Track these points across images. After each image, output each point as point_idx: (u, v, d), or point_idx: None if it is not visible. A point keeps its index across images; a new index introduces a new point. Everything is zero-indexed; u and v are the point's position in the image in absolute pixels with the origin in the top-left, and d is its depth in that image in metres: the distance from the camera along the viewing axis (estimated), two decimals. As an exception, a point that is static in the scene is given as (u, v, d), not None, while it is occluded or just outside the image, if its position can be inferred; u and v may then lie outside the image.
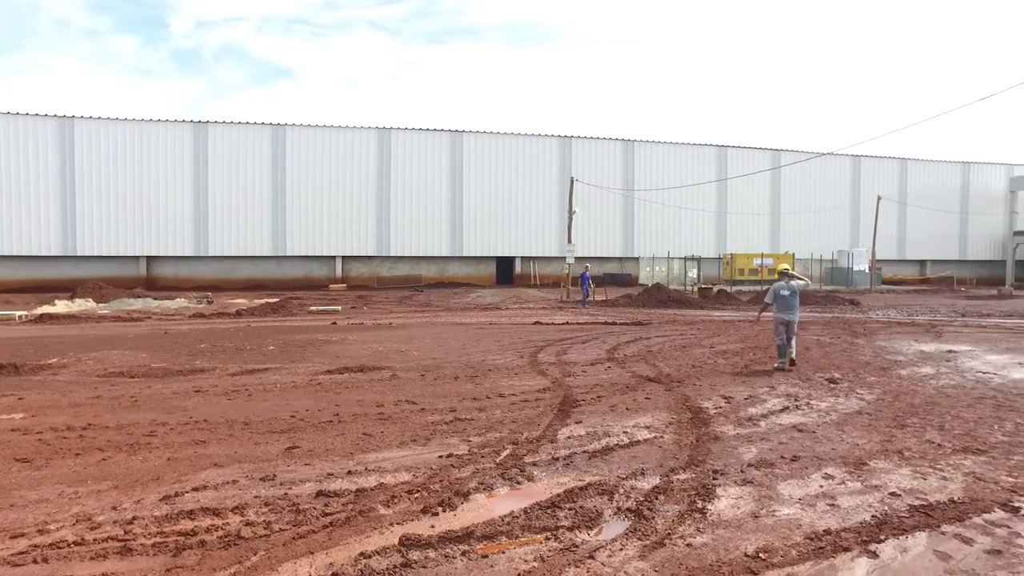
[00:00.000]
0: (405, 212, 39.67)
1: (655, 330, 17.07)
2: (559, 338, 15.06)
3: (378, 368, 10.75)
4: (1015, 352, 13.30)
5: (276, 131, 37.67)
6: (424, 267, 41.09)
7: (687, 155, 44.64)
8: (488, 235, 41.09)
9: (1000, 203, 52.06)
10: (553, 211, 41.60)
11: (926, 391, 9.26)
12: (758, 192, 45.88)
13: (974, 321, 20.29)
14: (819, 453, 6.25)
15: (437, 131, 40.25)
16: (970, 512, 4.81)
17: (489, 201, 40.97)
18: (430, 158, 40.03)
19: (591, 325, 18.19)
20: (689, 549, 4.14)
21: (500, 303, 26.92)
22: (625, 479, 5.43)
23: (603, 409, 8.00)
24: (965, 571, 3.93)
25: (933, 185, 50.36)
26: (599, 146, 42.99)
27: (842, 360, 12.04)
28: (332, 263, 39.42)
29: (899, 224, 49.13)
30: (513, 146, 41.42)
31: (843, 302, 27.30)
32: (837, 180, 48.05)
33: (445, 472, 5.57)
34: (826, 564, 3.98)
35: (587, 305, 25.72)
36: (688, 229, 44.51)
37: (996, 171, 52.52)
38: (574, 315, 21.40)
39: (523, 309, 23.92)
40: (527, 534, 4.34)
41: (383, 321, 18.90)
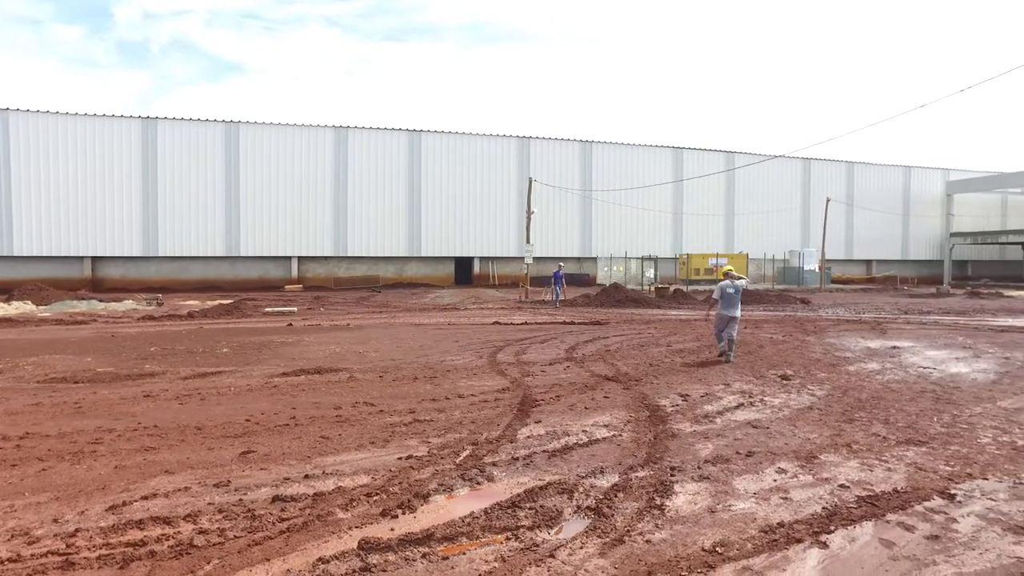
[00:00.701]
0: (362, 212, 39.18)
1: (613, 329, 17.25)
2: (518, 338, 15.09)
3: (335, 370, 10.59)
4: (952, 348, 13.89)
5: (229, 128, 36.74)
6: (382, 267, 40.67)
7: (644, 156, 45.26)
8: (446, 235, 40.91)
9: (938, 206, 54.33)
10: (511, 211, 41.67)
11: (872, 386, 9.60)
12: (713, 193, 46.82)
13: (916, 318, 21.12)
14: (773, 448, 6.41)
15: (395, 130, 39.88)
16: (912, 501, 5.01)
17: (447, 201, 40.80)
18: (388, 158, 39.63)
19: (550, 325, 18.28)
20: (648, 545, 4.20)
21: (459, 303, 26.83)
22: (584, 477, 5.47)
23: (562, 408, 8.05)
24: (907, 557, 4.09)
25: (878, 188, 52.23)
26: (557, 147, 43.25)
27: (794, 357, 12.37)
28: (288, 263, 38.66)
29: (847, 225, 50.78)
30: (472, 146, 41.34)
31: (795, 301, 28.08)
32: (788, 182, 49.39)
33: (404, 474, 5.52)
34: (779, 556, 4.08)
35: (559, 305, 25.34)
36: (645, 229, 45.13)
37: (934, 175, 54.77)
38: (533, 315, 21.48)
39: (482, 309, 23.89)
40: (488, 534, 4.33)
41: (340, 322, 18.64)
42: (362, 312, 22.32)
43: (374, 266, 40.49)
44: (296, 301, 27.11)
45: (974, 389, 9.46)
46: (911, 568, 3.95)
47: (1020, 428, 7.26)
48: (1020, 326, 18.62)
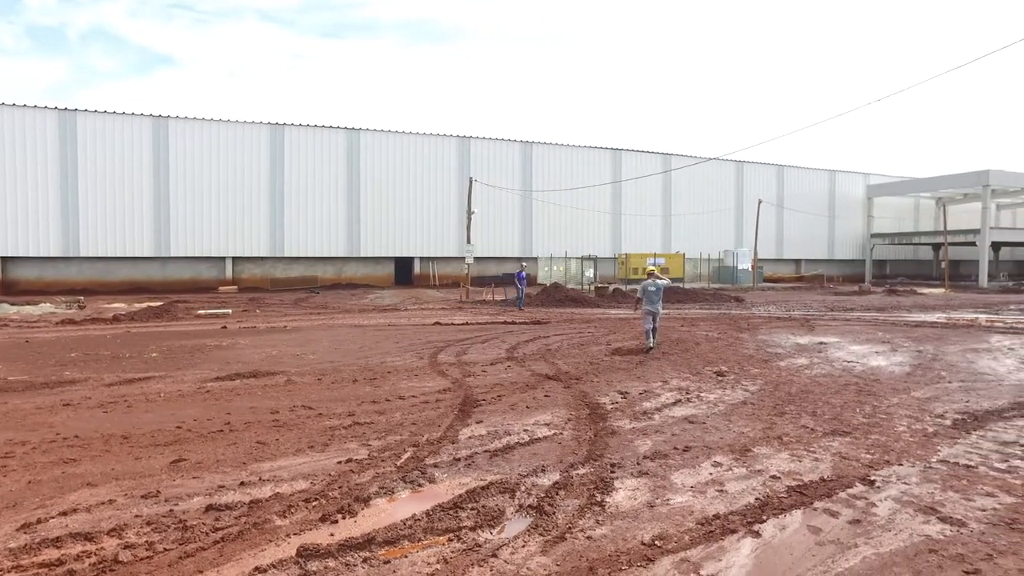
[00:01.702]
0: (300, 211, 38.22)
1: (553, 329, 17.42)
2: (459, 338, 15.04)
3: (272, 373, 10.30)
4: (873, 342, 14.65)
5: (157, 123, 35.15)
6: (320, 268, 39.80)
7: (583, 157, 45.86)
8: (386, 235, 40.38)
9: (860, 208, 57.20)
10: (452, 211, 41.50)
11: (801, 380, 10.02)
12: (651, 194, 47.86)
13: (841, 315, 22.16)
14: (709, 443, 6.61)
15: (333, 128, 39.10)
16: (836, 488, 5.27)
17: (387, 201, 40.28)
18: (326, 156, 38.81)
19: (491, 325, 18.30)
20: (589, 541, 4.26)
21: (399, 304, 26.55)
22: (526, 476, 5.50)
23: (503, 408, 8.07)
24: (832, 541, 4.30)
25: (805, 190, 54.54)
26: (497, 147, 43.33)
27: (728, 354, 12.78)
28: (222, 264, 37.33)
29: (777, 226, 52.81)
30: (411, 145, 40.95)
31: (729, 299, 29.02)
32: (723, 184, 50.98)
33: (344, 478, 5.42)
34: (716, 546, 4.22)
35: (522, 306, 24.16)
36: (585, 229, 45.73)
37: (856, 179, 57.63)
38: (474, 315, 21.46)
39: (423, 310, 23.71)
40: (429, 536, 4.30)
41: (277, 324, 18.14)
42: (300, 314, 21.80)
43: (312, 267, 39.59)
44: (231, 303, 26.23)
45: (892, 381, 10.00)
46: (835, 552, 4.14)
47: (931, 416, 7.72)
48: (931, 321, 19.81)
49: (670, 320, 19.64)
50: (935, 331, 17.05)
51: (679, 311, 23.51)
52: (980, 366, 11.44)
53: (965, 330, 17.34)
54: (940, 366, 11.40)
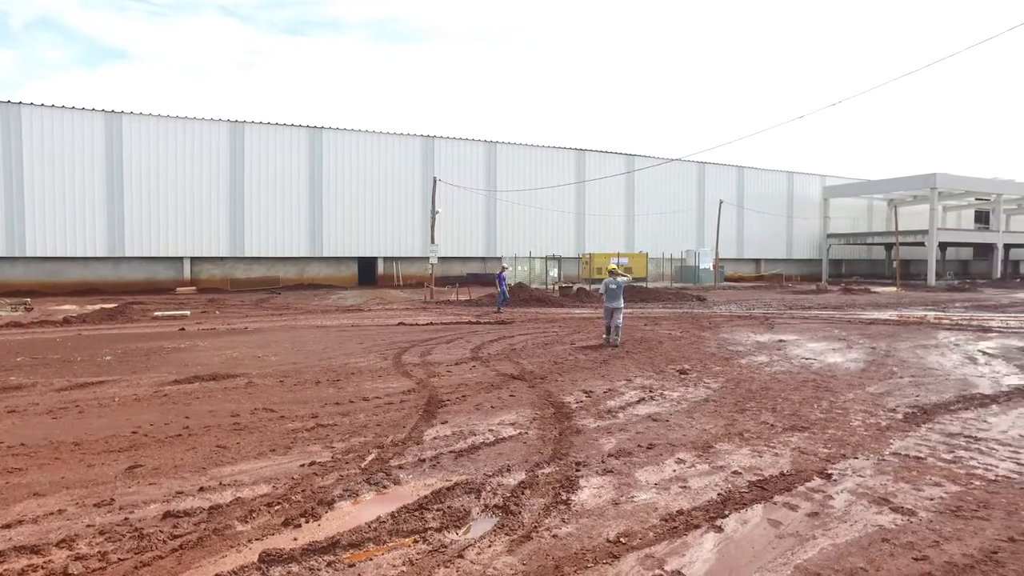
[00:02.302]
0: (261, 211, 37.52)
1: (518, 328, 17.45)
2: (423, 339, 14.96)
3: (232, 376, 10.09)
4: (829, 340, 15.05)
5: (110, 119, 34.07)
6: (282, 268, 39.14)
7: (547, 157, 46.06)
8: (350, 235, 39.93)
9: (817, 209, 58.74)
10: (416, 211, 41.25)
11: (762, 378, 10.24)
12: (614, 194, 48.34)
13: (799, 313, 22.71)
14: (672, 440, 6.70)
15: (295, 127, 38.47)
16: (795, 482, 5.40)
17: (350, 200, 39.83)
18: (288, 155, 38.17)
19: (455, 325, 18.25)
20: (555, 540, 4.28)
21: (363, 304, 26.27)
22: (492, 476, 5.50)
23: (468, 408, 8.06)
24: (792, 534, 4.40)
25: (765, 191, 55.77)
26: (462, 147, 43.22)
27: (691, 352, 12.98)
28: (179, 264, 36.42)
29: (738, 226, 53.87)
30: (375, 145, 40.56)
31: (691, 298, 29.47)
32: (685, 185, 51.78)
33: (308, 481, 5.34)
34: (679, 542, 4.28)
35: (501, 310, 23.01)
36: (549, 229, 45.94)
37: (813, 181, 59.17)
38: (438, 315, 21.36)
39: (387, 310, 23.51)
40: (395, 538, 4.27)
41: (238, 325, 17.77)
42: (261, 315, 21.40)
43: (273, 267, 38.91)
44: (189, 304, 25.60)
45: (847, 377, 10.30)
46: (795, 544, 4.25)
47: (884, 411, 7.97)
48: (884, 319, 20.45)
49: (634, 319, 19.86)
50: (888, 328, 17.60)
51: (642, 310, 23.79)
52: (929, 362, 11.85)
53: (915, 327, 17.95)
54: (892, 362, 11.78)
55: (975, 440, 6.72)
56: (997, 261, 54.29)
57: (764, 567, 3.94)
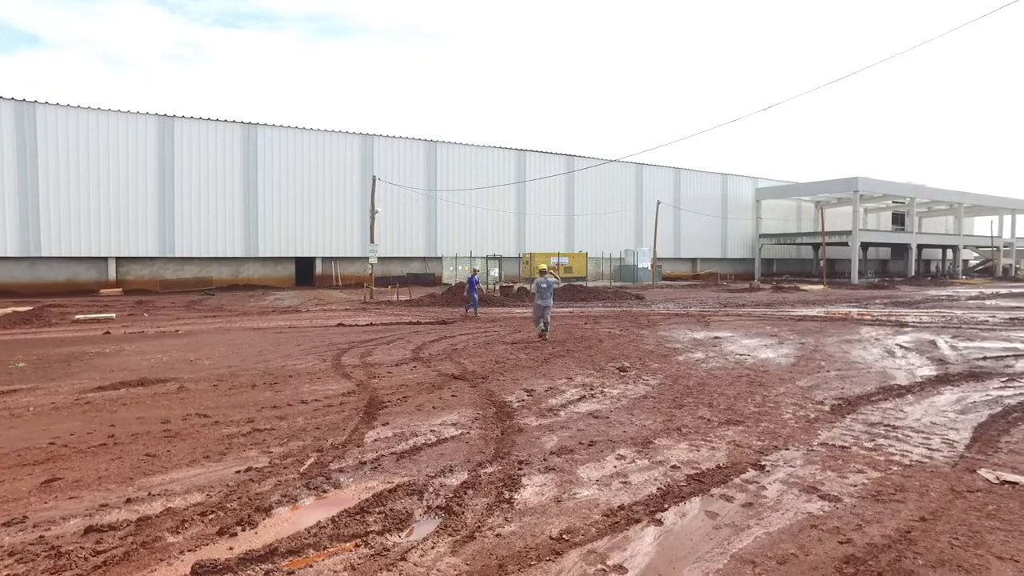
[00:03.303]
0: (192, 209, 36.11)
1: (459, 328, 17.40)
2: (363, 339, 14.73)
3: (163, 380, 9.67)
4: (762, 336, 15.62)
5: (22, 108, 32.04)
6: (216, 269, 37.79)
7: (488, 157, 46.10)
8: (286, 234, 38.91)
9: (749, 210, 60.90)
10: (355, 210, 40.58)
11: (698, 374, 10.53)
12: (555, 194, 48.81)
13: (733, 311, 23.48)
14: (612, 436, 6.81)
15: (228, 122, 37.20)
16: (731, 474, 5.58)
17: (287, 199, 38.82)
18: (221, 151, 36.88)
19: (396, 325, 18.05)
20: (498, 539, 4.28)
21: (300, 305, 25.66)
22: (434, 477, 5.46)
23: (410, 409, 7.98)
24: (728, 525, 4.54)
25: (700, 192, 57.45)
26: (402, 145, 42.76)
27: (630, 350, 13.23)
28: (103, 265, 34.65)
29: (675, 226, 55.27)
30: (312, 142, 39.66)
31: (630, 297, 30.04)
32: (623, 185, 52.76)
33: (244, 488, 5.17)
34: (621, 536, 4.35)
35: (478, 313, 21.50)
36: (490, 229, 46.00)
37: (746, 183, 61.33)
38: (378, 316, 21.07)
39: (325, 311, 23.03)
40: (336, 543, 4.18)
41: (168, 328, 17.06)
42: (193, 317, 20.60)
43: (206, 267, 37.53)
44: (115, 307, 24.40)
45: (779, 372, 10.71)
46: (730, 534, 4.38)
47: (812, 403, 8.33)
48: (812, 315, 21.38)
49: (574, 318, 20.11)
50: (815, 324, 18.40)
51: (583, 309, 24.11)
52: (853, 356, 12.45)
53: (840, 323, 18.83)
54: (820, 357, 12.32)
55: (893, 428, 7.11)
56: (911, 260, 57.58)
57: (702, 558, 4.06)
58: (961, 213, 64.40)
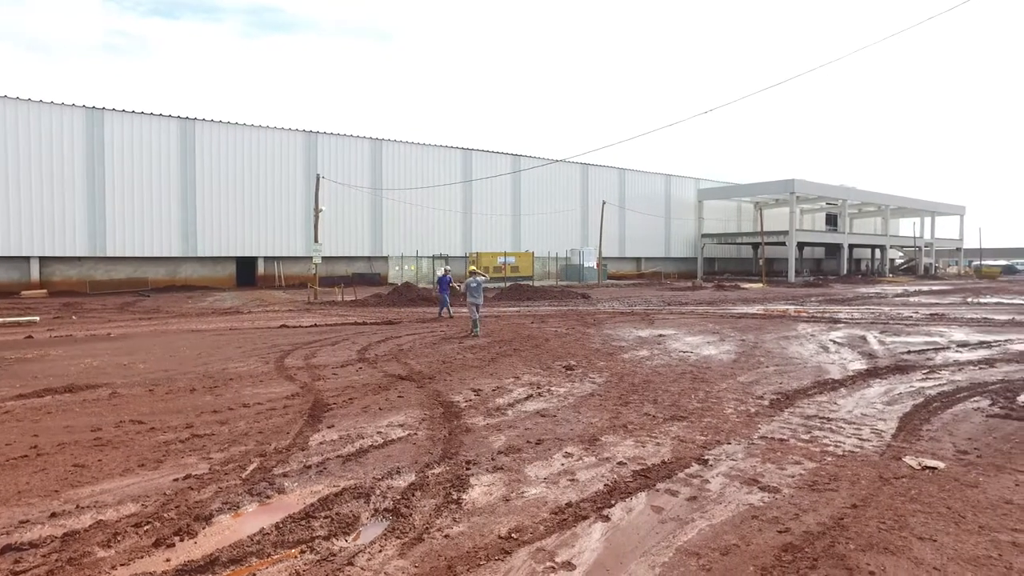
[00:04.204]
0: (125, 207, 34.56)
1: (405, 328, 17.24)
2: (307, 341, 14.42)
3: (93, 386, 9.22)
4: (705, 333, 16.03)
5: (-62, 102, 30.15)
6: (151, 269, 36.33)
7: (434, 156, 45.82)
8: (227, 234, 37.71)
9: (692, 210, 62.43)
10: (298, 209, 39.68)
11: (643, 371, 10.72)
12: (501, 194, 48.89)
13: (677, 309, 24.01)
14: (560, 434, 6.86)
15: (164, 117, 35.77)
16: (676, 469, 5.70)
17: (227, 197, 37.63)
18: (156, 147, 35.42)
19: (341, 326, 17.74)
20: (447, 540, 4.26)
21: (242, 306, 24.93)
22: (381, 479, 5.39)
23: (356, 411, 7.86)
24: (673, 518, 4.64)
25: (644, 193, 58.54)
26: (346, 143, 42.06)
27: (577, 349, 13.37)
28: (25, 265, 32.83)
29: (620, 226, 56.14)
30: (253, 139, 38.57)
31: (576, 296, 30.35)
32: (569, 185, 53.28)
33: (182, 496, 4.99)
34: (569, 533, 4.39)
35: (452, 315, 20.68)
36: (436, 228, 45.73)
37: (688, 183, 62.85)
38: (323, 316, 20.68)
39: (268, 312, 22.45)
40: (280, 550, 4.08)
41: (99, 332, 16.29)
42: (127, 319, 19.75)
43: (141, 268, 36.05)
44: (39, 309, 23.16)
45: (721, 368, 11.01)
46: (676, 527, 4.48)
47: (753, 398, 8.60)
48: (752, 313, 22.08)
49: (521, 317, 20.19)
50: (755, 322, 19.01)
51: (529, 308, 24.23)
52: (790, 351, 12.92)
53: (779, 320, 19.50)
54: (759, 353, 12.73)
55: (828, 421, 7.41)
56: (844, 259, 60.17)
57: (648, 551, 4.13)
58: (888, 215, 67.71)
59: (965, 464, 5.88)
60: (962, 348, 13.38)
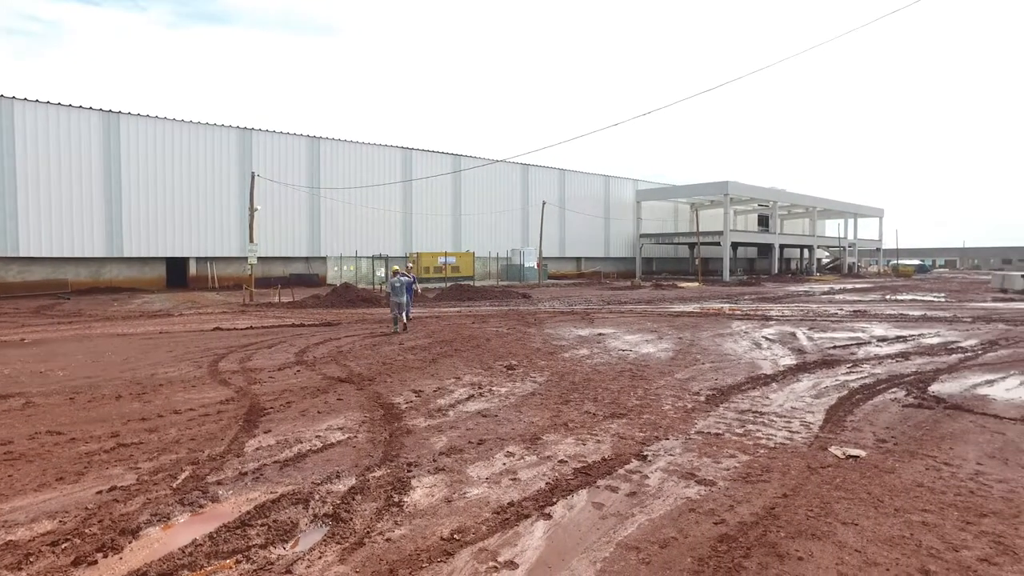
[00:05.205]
0: (41, 203, 32.59)
1: (345, 330, 16.94)
2: (242, 344, 13.98)
3: (4, 396, 8.67)
4: (644, 332, 16.38)
5: None
6: (72, 270, 34.40)
7: (374, 155, 45.15)
8: (156, 233, 36.07)
9: (630, 210, 63.66)
10: (233, 208, 38.38)
11: (584, 370, 10.86)
12: (441, 194, 48.61)
13: (616, 308, 24.44)
14: (501, 434, 6.88)
15: (85, 109, 33.89)
16: (616, 466, 5.80)
17: (156, 195, 35.99)
18: (76, 141, 33.53)
19: (278, 328, 17.28)
20: (388, 543, 4.20)
21: (173, 309, 23.94)
22: (320, 484, 5.28)
23: (293, 415, 7.67)
24: (614, 514, 4.72)
25: (584, 193, 59.32)
26: (283, 141, 40.94)
27: (518, 348, 13.43)
28: (-71, 267, 30.59)
29: (560, 226, 56.70)
30: (184, 134, 37.04)
31: (517, 296, 30.49)
32: (510, 185, 53.46)
33: (106, 510, 4.75)
34: (511, 532, 4.40)
35: (409, 317, 18.26)
36: (376, 228, 45.09)
37: (627, 184, 64.07)
38: (259, 318, 20.09)
39: (201, 315, 21.64)
40: (214, 561, 3.94)
41: (11, 337, 15.32)
42: (44, 324, 18.66)
43: (60, 268, 34.09)
44: (-56, 314, 21.60)
45: (659, 365, 11.27)
46: (616, 523, 4.56)
47: (690, 395, 8.84)
48: (689, 311, 22.69)
49: (461, 317, 20.15)
50: (692, 320, 19.54)
51: (470, 308, 24.19)
52: (725, 348, 13.34)
53: (714, 318, 20.11)
54: (696, 350, 13.09)
55: (760, 415, 7.69)
56: (775, 259, 62.56)
57: (590, 547, 4.19)
58: (815, 216, 70.86)
59: (883, 452, 6.21)
60: (882, 343, 14.13)
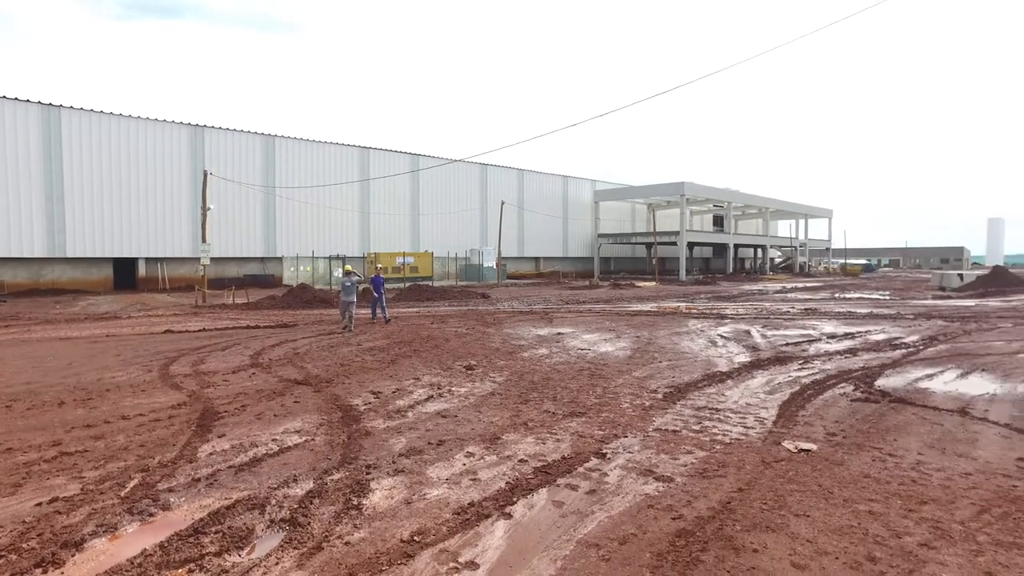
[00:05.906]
0: (-24, 202, 31.13)
1: (301, 331, 16.65)
2: (195, 346, 13.61)
3: (-61, 403, 8.25)
4: (602, 331, 16.54)
5: None
6: (8, 271, 32.91)
7: (331, 154, 44.49)
8: (102, 233, 34.79)
9: (588, 211, 64.25)
10: (184, 207, 37.31)
11: (543, 369, 10.91)
12: (399, 193, 48.20)
13: (574, 308, 24.62)
14: (461, 435, 6.86)
15: (22, 102, 32.48)
16: (576, 464, 5.84)
17: (102, 193, 34.71)
18: (12, 135, 32.07)
19: (232, 330, 16.88)
20: (347, 547, 4.14)
21: (120, 311, 23.14)
22: (277, 488, 5.18)
23: (249, 419, 7.50)
24: (574, 512, 4.75)
25: (543, 194, 59.62)
26: (237, 139, 39.99)
27: (477, 348, 13.40)
28: None
29: (519, 226, 56.85)
30: (132, 130, 35.82)
31: (476, 295, 30.45)
32: (468, 185, 53.35)
33: (47, 522, 4.55)
34: (472, 533, 4.39)
35: (388, 319, 19.21)
36: (333, 228, 44.45)
37: (585, 185, 64.63)
38: (212, 320, 19.58)
39: (150, 317, 20.97)
40: (165, 571, 3.82)
41: (-55, 342, 14.59)
42: (-20, 328, 17.81)
43: (-3, 270, 32.60)
44: None
45: (617, 364, 11.40)
46: (576, 521, 4.59)
47: (647, 392, 8.97)
48: (646, 310, 23.02)
49: (420, 317, 20.02)
50: (649, 319, 19.82)
51: (429, 308, 24.06)
52: (682, 347, 13.57)
53: (671, 317, 20.44)
54: (653, 349, 13.28)
55: (716, 411, 7.85)
56: (730, 258, 64.02)
57: (550, 546, 4.20)
58: (768, 217, 72.71)
59: (833, 445, 6.41)
60: (831, 339, 14.58)
